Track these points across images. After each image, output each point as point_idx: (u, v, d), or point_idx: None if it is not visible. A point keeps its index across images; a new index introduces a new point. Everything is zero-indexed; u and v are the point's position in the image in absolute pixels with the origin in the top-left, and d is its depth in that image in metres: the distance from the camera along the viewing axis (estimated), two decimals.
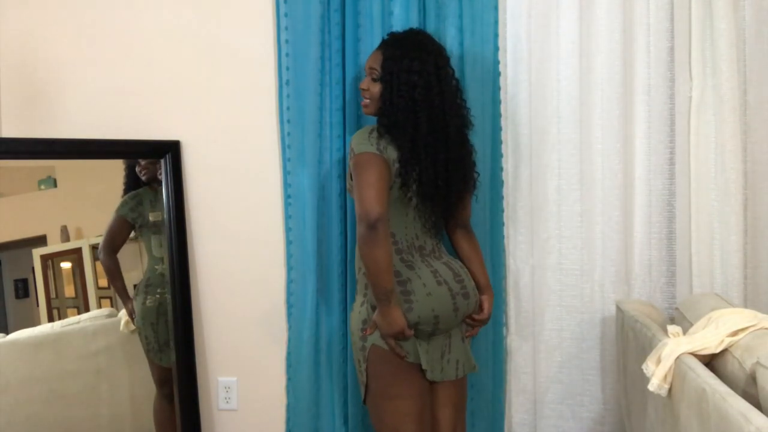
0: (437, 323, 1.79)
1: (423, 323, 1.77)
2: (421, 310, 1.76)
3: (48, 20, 2.29)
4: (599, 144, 2.20)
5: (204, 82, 2.28)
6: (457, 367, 1.87)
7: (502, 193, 2.20)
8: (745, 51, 2.13)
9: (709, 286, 2.13)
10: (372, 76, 1.84)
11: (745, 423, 1.17)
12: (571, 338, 2.25)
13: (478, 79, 2.12)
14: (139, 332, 2.25)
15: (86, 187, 2.24)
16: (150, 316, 2.26)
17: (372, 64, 1.84)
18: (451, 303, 1.80)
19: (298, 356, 2.24)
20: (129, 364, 2.26)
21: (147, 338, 2.26)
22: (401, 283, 1.77)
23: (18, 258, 2.16)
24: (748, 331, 1.51)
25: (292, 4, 2.16)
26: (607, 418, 2.24)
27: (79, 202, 2.22)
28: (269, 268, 2.30)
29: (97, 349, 2.22)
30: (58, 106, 2.29)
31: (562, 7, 2.18)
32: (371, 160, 1.73)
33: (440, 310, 1.79)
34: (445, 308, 1.79)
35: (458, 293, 1.82)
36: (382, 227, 1.67)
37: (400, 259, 1.80)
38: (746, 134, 2.13)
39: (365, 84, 1.87)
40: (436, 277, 1.80)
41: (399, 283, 1.77)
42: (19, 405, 2.08)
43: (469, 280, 1.88)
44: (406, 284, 1.77)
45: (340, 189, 2.16)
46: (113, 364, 2.23)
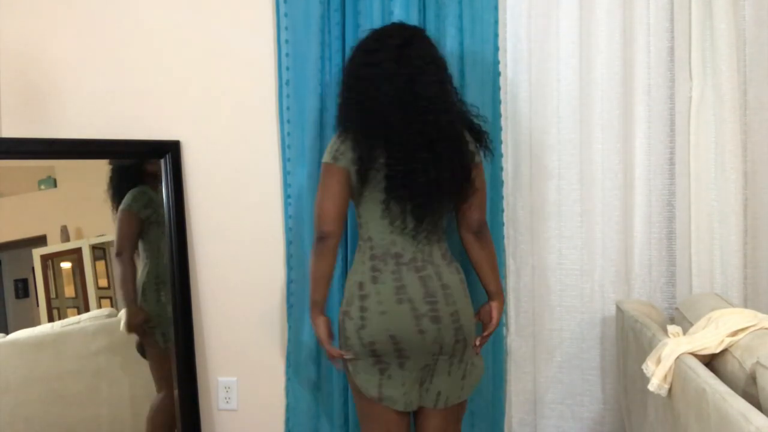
0: (399, 346, 1.68)
1: (379, 343, 1.68)
2: (374, 329, 1.68)
3: (48, 21, 2.29)
4: (599, 144, 2.20)
5: (204, 82, 2.28)
6: (437, 399, 1.75)
7: (502, 193, 2.19)
8: (745, 51, 2.13)
9: (709, 286, 2.13)
10: None
11: (745, 423, 1.17)
12: (571, 338, 2.25)
13: (478, 79, 2.12)
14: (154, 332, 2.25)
15: (86, 187, 2.24)
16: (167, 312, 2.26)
17: None
18: (413, 325, 1.66)
19: (298, 356, 2.24)
20: (129, 364, 2.25)
21: (165, 335, 2.26)
22: (361, 297, 1.71)
23: (18, 258, 2.16)
24: (748, 331, 1.51)
25: (292, 4, 2.16)
26: (607, 418, 2.24)
27: (79, 202, 2.22)
28: (269, 268, 2.30)
29: (97, 349, 2.22)
30: (58, 106, 2.29)
31: (562, 7, 2.18)
32: (327, 170, 1.73)
33: (398, 331, 1.67)
34: (404, 330, 1.67)
35: (424, 315, 1.67)
36: (330, 242, 1.73)
37: (371, 268, 1.72)
38: (746, 134, 2.13)
39: None
40: (399, 294, 1.68)
41: (360, 298, 1.71)
42: (19, 405, 2.08)
43: (450, 305, 1.69)
44: (363, 300, 1.70)
45: None
46: (113, 364, 2.23)
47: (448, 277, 1.73)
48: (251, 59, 2.26)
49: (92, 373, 2.20)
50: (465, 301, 1.75)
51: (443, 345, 1.71)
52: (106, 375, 2.23)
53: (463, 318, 1.72)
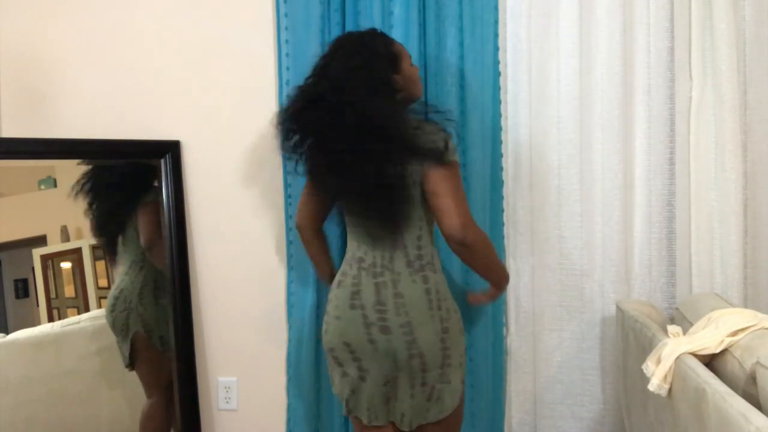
0: (354, 354, 1.66)
1: (336, 350, 1.69)
2: (331, 334, 1.70)
3: (48, 21, 2.29)
4: (599, 144, 2.20)
5: (204, 82, 2.28)
6: (402, 420, 1.70)
7: (502, 193, 2.19)
8: (745, 51, 2.13)
9: (709, 286, 2.13)
10: None
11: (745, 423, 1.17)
12: (571, 338, 2.25)
13: (478, 79, 2.12)
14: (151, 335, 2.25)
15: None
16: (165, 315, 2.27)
17: None
18: (364, 332, 1.63)
19: (298, 356, 2.24)
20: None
21: (162, 338, 2.26)
22: (328, 301, 1.76)
23: (18, 258, 2.16)
24: (748, 331, 1.51)
25: (292, 4, 2.16)
26: (607, 418, 2.24)
27: (79, 202, 2.22)
28: (269, 268, 2.30)
29: (97, 349, 2.22)
30: (58, 106, 2.29)
31: (562, 7, 2.18)
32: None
33: (351, 338, 1.65)
34: (356, 336, 1.64)
35: (373, 323, 1.62)
36: (303, 233, 1.92)
37: (340, 272, 1.75)
38: (746, 134, 2.13)
39: None
40: (353, 299, 1.66)
41: (328, 302, 1.76)
42: (19, 405, 2.08)
43: (400, 315, 1.61)
44: (328, 304, 1.74)
45: None
46: (113, 364, 2.23)
47: (405, 287, 1.63)
48: (251, 59, 2.26)
49: (92, 373, 2.20)
50: (424, 314, 1.62)
51: (397, 360, 1.63)
52: (106, 375, 2.23)
53: (419, 332, 1.62)
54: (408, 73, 1.76)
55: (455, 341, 1.68)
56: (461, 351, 1.71)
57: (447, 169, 1.61)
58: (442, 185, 1.61)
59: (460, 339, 1.70)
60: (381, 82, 1.63)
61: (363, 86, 1.60)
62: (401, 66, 1.74)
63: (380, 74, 1.65)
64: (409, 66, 1.78)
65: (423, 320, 1.62)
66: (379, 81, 1.63)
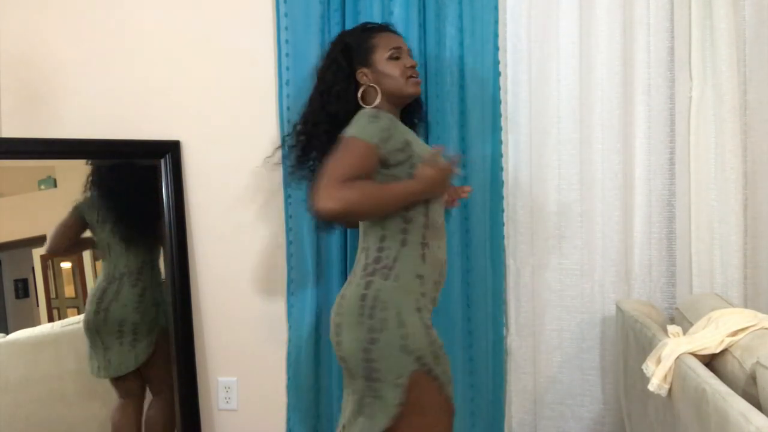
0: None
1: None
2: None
3: (48, 20, 2.29)
4: (599, 144, 2.20)
5: (204, 82, 2.28)
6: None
7: (502, 193, 2.19)
8: (745, 51, 2.13)
9: (709, 286, 2.13)
10: (409, 55, 1.78)
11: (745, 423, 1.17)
12: (571, 338, 2.25)
13: (478, 79, 2.12)
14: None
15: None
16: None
17: (405, 46, 1.78)
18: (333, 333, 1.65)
19: (298, 356, 2.24)
20: None
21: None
22: None
23: (18, 258, 2.16)
24: (748, 331, 1.51)
25: (292, 4, 2.16)
26: (607, 418, 2.24)
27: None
28: (269, 268, 2.30)
29: None
30: (57, 106, 2.29)
31: (562, 7, 2.18)
32: None
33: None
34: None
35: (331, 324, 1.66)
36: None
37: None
38: (746, 134, 2.13)
39: (413, 62, 1.76)
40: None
41: None
42: (19, 405, 2.08)
43: (337, 315, 1.61)
44: None
45: None
46: None
47: (348, 289, 1.62)
48: (251, 59, 2.26)
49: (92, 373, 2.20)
50: (351, 319, 1.57)
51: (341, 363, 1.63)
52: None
53: (343, 336, 1.58)
54: (381, 67, 1.71)
55: (387, 356, 1.53)
56: (399, 371, 1.53)
57: (340, 143, 1.59)
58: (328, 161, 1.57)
59: (399, 357, 1.53)
60: (320, 77, 1.77)
61: (315, 84, 1.79)
62: (371, 59, 1.72)
63: (324, 69, 1.77)
64: (385, 60, 1.71)
65: (349, 325, 1.58)
66: (320, 76, 1.77)
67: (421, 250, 1.63)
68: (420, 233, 1.63)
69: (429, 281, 1.64)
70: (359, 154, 1.55)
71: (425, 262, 1.63)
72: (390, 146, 1.60)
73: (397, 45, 1.74)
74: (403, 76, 1.71)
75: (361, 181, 1.53)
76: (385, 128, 1.60)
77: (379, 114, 1.62)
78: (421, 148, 1.70)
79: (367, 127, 1.59)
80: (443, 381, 1.59)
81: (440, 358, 1.60)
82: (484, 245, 2.17)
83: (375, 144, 1.57)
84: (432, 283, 1.65)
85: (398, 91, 1.72)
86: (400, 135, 1.64)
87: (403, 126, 1.70)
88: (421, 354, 1.55)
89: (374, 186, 1.58)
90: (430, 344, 1.58)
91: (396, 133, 1.63)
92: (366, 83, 1.72)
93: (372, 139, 1.57)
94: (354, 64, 1.73)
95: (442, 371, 1.59)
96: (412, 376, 1.53)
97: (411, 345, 1.54)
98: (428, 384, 1.56)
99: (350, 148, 1.56)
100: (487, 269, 2.17)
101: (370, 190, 1.56)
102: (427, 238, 1.64)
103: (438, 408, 1.59)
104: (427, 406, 1.57)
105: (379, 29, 1.79)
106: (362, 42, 1.74)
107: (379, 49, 1.73)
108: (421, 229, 1.63)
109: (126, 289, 2.20)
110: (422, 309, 1.60)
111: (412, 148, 1.65)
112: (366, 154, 1.56)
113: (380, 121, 1.60)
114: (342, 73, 1.73)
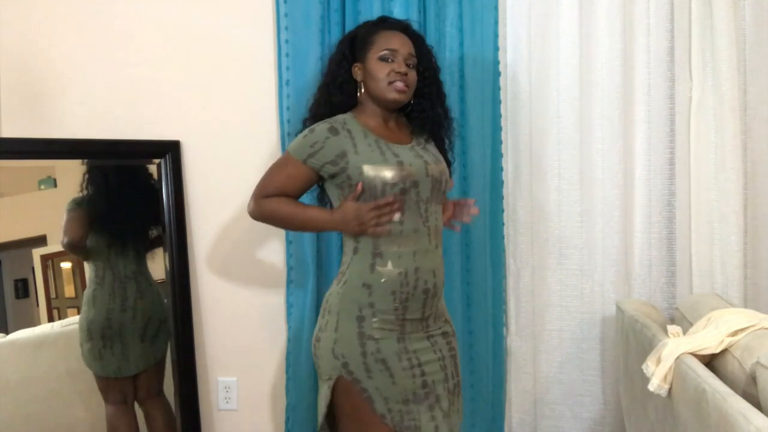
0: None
1: None
2: None
3: (48, 20, 2.29)
4: (599, 144, 2.20)
5: (204, 82, 2.28)
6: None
7: (502, 193, 2.19)
8: (745, 51, 2.13)
9: (709, 286, 2.13)
10: (408, 63, 1.67)
11: (745, 423, 1.17)
12: (571, 338, 2.25)
13: (478, 79, 2.12)
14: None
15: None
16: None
17: (406, 50, 1.67)
18: None
19: (298, 356, 2.24)
20: None
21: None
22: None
23: (18, 258, 2.16)
24: (748, 331, 1.52)
25: (292, 4, 2.16)
26: (607, 418, 2.24)
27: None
28: (269, 268, 2.30)
29: None
30: (58, 106, 2.29)
31: (562, 7, 2.18)
32: None
33: None
34: None
35: None
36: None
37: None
38: (746, 134, 2.14)
39: (405, 69, 1.65)
40: None
41: None
42: (19, 405, 2.08)
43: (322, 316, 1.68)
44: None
45: None
46: None
47: (330, 288, 1.70)
48: (251, 59, 2.26)
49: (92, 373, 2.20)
50: (323, 320, 1.66)
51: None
52: None
53: (317, 330, 1.68)
54: (369, 66, 1.66)
55: (323, 355, 1.63)
56: (328, 370, 1.61)
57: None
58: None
59: (329, 359, 1.60)
60: (327, 66, 1.76)
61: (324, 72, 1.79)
62: (366, 55, 1.67)
63: (332, 58, 1.76)
64: (376, 59, 1.65)
65: (321, 324, 1.68)
66: (328, 64, 1.77)
67: (371, 260, 1.60)
68: (370, 242, 1.60)
69: (382, 291, 1.59)
70: (285, 173, 1.65)
71: (373, 272, 1.59)
72: (319, 159, 1.62)
73: (394, 47, 1.65)
74: (386, 80, 1.64)
75: (278, 199, 1.65)
76: (315, 142, 1.62)
77: (316, 127, 1.64)
78: (371, 158, 1.60)
79: (299, 141, 1.65)
80: (374, 396, 1.57)
81: (374, 372, 1.57)
82: (484, 245, 2.17)
83: (301, 160, 1.63)
84: (389, 293, 1.58)
85: (379, 93, 1.66)
86: (335, 147, 1.60)
87: (346, 137, 1.61)
88: (348, 362, 1.58)
89: (288, 207, 1.66)
90: (362, 355, 1.57)
91: (328, 145, 1.60)
92: (357, 78, 1.70)
93: (299, 155, 1.63)
94: (356, 56, 1.70)
95: (376, 386, 1.57)
96: (339, 381, 1.60)
97: (338, 350, 1.60)
98: (355, 394, 1.58)
99: (279, 164, 1.68)
100: (487, 269, 2.17)
101: (284, 210, 1.66)
102: (381, 247, 1.59)
103: (363, 421, 1.59)
104: (351, 415, 1.60)
105: (390, 26, 1.72)
106: (366, 36, 1.70)
107: (375, 46, 1.67)
108: (372, 239, 1.60)
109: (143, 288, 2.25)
110: (366, 318, 1.58)
111: (347, 159, 1.59)
112: (292, 173, 1.65)
113: (313, 134, 1.63)
114: (346, 63, 1.71)
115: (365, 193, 1.59)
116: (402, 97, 1.66)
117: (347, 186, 1.61)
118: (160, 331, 2.25)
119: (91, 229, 2.19)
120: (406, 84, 1.65)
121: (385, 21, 1.76)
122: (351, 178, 1.60)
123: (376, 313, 1.59)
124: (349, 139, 1.62)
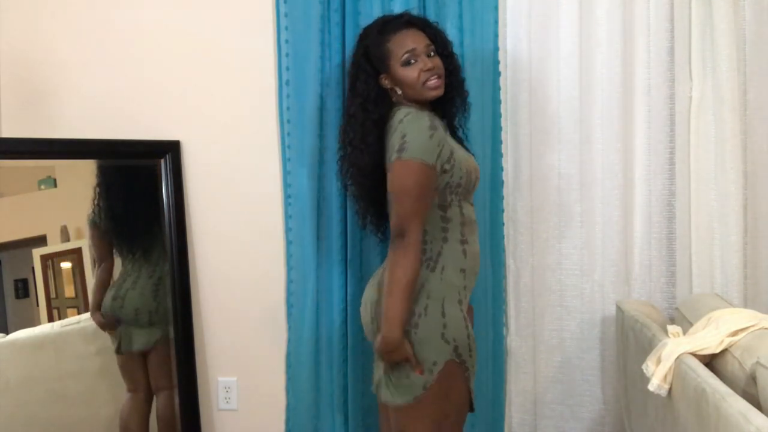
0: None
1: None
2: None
3: (48, 21, 2.29)
4: (599, 144, 2.20)
5: (204, 82, 2.28)
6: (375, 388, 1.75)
7: (502, 193, 2.19)
8: (745, 51, 2.13)
9: (709, 286, 2.13)
10: (428, 53, 1.70)
11: (745, 423, 1.17)
12: (571, 338, 2.25)
13: (478, 79, 2.12)
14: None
15: (86, 187, 2.23)
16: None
17: (422, 43, 1.70)
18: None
19: (298, 356, 2.24)
20: None
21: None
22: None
23: (18, 258, 2.16)
24: (748, 331, 1.51)
25: (292, 4, 2.16)
26: (607, 418, 2.24)
27: (79, 202, 2.22)
28: (269, 268, 2.30)
29: (97, 349, 2.22)
30: (58, 106, 2.29)
31: (562, 7, 2.18)
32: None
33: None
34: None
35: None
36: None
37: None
38: (746, 134, 2.13)
39: (430, 62, 1.69)
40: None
41: None
42: (19, 405, 2.08)
43: (367, 292, 1.75)
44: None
45: (340, 189, 2.16)
46: (113, 364, 2.23)
47: (378, 274, 1.77)
48: (251, 59, 2.26)
49: (92, 373, 2.20)
50: (418, 306, 1.64)
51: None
52: (106, 375, 2.22)
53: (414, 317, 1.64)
54: (397, 74, 1.70)
55: (430, 340, 1.65)
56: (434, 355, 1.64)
57: (395, 168, 1.62)
58: (390, 185, 1.64)
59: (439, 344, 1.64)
60: (352, 89, 1.77)
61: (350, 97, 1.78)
62: (388, 65, 1.71)
63: (354, 78, 1.76)
64: (400, 67, 1.69)
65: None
66: (351, 87, 1.77)
67: (461, 246, 1.69)
68: (458, 230, 1.69)
69: (471, 274, 1.71)
70: (428, 184, 1.61)
71: (466, 257, 1.70)
72: (441, 159, 1.63)
73: (411, 47, 1.68)
74: (419, 83, 1.68)
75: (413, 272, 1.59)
76: (440, 140, 1.63)
77: (422, 123, 1.62)
78: (462, 153, 1.71)
79: (424, 143, 1.60)
80: (472, 373, 1.68)
81: (473, 351, 1.67)
82: (484, 245, 2.16)
83: (432, 163, 1.60)
84: (473, 274, 1.73)
85: (418, 96, 1.71)
86: (447, 144, 1.66)
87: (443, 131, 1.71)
88: (458, 345, 1.64)
89: (406, 282, 1.58)
90: (467, 337, 1.66)
91: (444, 142, 1.65)
92: (387, 86, 1.73)
93: (430, 158, 1.60)
94: (377, 68, 1.73)
95: (472, 364, 1.68)
96: (447, 365, 1.62)
97: (449, 335, 1.62)
98: (459, 374, 1.65)
99: (416, 178, 1.59)
100: (487, 269, 2.17)
101: (406, 280, 1.58)
102: (465, 234, 1.70)
103: (459, 398, 1.67)
104: (453, 396, 1.66)
105: (395, 28, 1.73)
106: (378, 47, 1.72)
107: (393, 54, 1.69)
108: (459, 227, 1.69)
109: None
110: (462, 302, 1.68)
111: (455, 157, 1.66)
112: (433, 183, 1.63)
113: (436, 132, 1.62)
114: (372, 79, 1.73)
115: (461, 187, 1.66)
116: (441, 90, 1.72)
117: (447, 186, 1.65)
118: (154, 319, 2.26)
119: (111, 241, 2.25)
120: (438, 76, 1.70)
121: (388, 23, 1.77)
122: (453, 176, 1.64)
123: (467, 294, 1.71)
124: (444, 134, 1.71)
